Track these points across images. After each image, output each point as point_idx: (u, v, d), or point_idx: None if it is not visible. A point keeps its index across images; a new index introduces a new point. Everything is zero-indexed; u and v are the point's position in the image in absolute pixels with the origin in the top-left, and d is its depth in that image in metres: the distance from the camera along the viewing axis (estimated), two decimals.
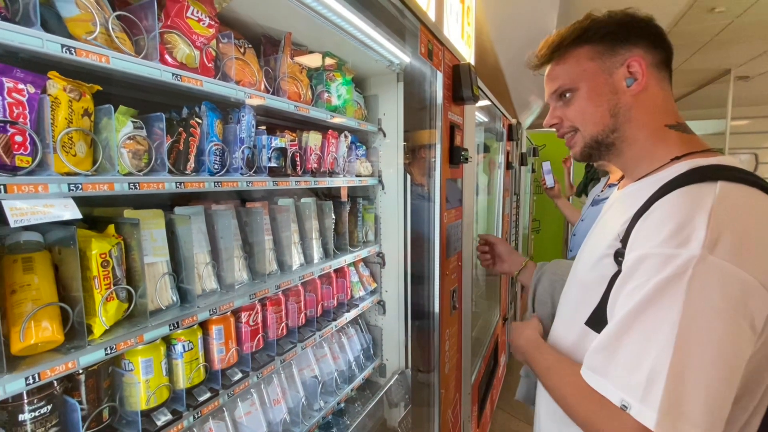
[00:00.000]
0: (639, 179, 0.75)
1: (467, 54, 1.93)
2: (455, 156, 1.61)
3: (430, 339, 1.64)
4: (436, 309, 1.60)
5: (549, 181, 2.76)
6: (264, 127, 1.15)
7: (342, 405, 1.52)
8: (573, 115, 0.77)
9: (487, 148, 3.23)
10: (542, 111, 5.08)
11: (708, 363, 0.54)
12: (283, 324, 1.23)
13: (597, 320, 0.70)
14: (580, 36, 0.75)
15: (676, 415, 0.54)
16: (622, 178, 0.86)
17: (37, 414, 0.68)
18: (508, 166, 3.25)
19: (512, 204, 3.54)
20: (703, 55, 4.53)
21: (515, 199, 3.69)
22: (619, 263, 0.67)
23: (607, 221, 0.78)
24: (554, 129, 0.82)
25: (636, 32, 0.72)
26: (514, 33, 2.65)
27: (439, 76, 1.48)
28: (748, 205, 0.59)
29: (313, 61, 1.39)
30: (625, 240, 0.66)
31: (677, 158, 0.69)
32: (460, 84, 1.56)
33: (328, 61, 1.41)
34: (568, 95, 0.77)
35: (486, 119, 2.85)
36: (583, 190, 3.93)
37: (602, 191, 2.11)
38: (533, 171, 5.13)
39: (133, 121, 0.80)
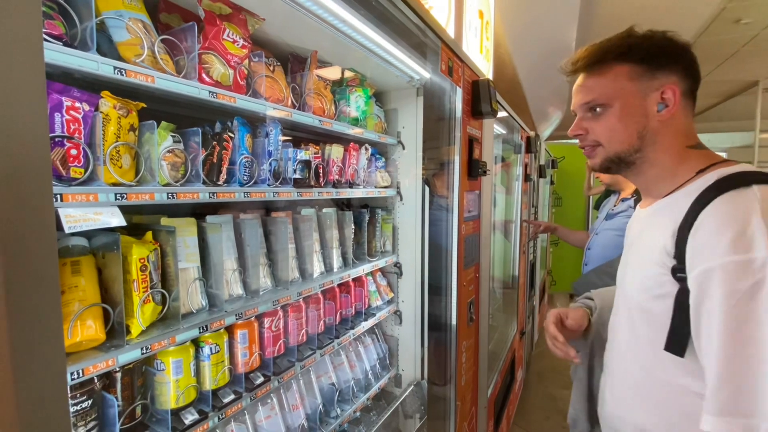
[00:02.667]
0: (666, 195, 0.75)
1: (486, 68, 1.96)
2: (474, 169, 1.63)
3: (446, 351, 1.64)
4: (453, 320, 1.61)
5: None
6: (290, 140, 1.20)
7: (358, 414, 1.53)
8: (600, 131, 0.77)
9: (504, 161, 3.23)
10: (561, 122, 5.04)
11: None
12: (303, 330, 1.26)
13: (677, 344, 0.68)
14: (624, 53, 0.74)
15: None
16: (635, 191, 0.87)
17: (79, 408, 0.72)
18: (527, 178, 3.24)
19: (530, 216, 3.51)
20: (729, 66, 4.43)
21: (533, 211, 3.66)
22: (679, 280, 0.66)
23: (645, 239, 0.76)
24: (577, 139, 0.82)
25: (675, 59, 0.73)
26: (533, 45, 2.67)
27: (459, 91, 1.51)
28: None
29: (334, 73, 1.44)
30: (679, 255, 0.65)
31: (702, 170, 0.71)
32: (479, 99, 1.59)
33: (350, 75, 1.47)
34: (599, 110, 0.76)
35: (504, 131, 2.86)
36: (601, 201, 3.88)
37: (615, 206, 2.10)
38: (552, 183, 5.08)
39: (172, 136, 0.85)
